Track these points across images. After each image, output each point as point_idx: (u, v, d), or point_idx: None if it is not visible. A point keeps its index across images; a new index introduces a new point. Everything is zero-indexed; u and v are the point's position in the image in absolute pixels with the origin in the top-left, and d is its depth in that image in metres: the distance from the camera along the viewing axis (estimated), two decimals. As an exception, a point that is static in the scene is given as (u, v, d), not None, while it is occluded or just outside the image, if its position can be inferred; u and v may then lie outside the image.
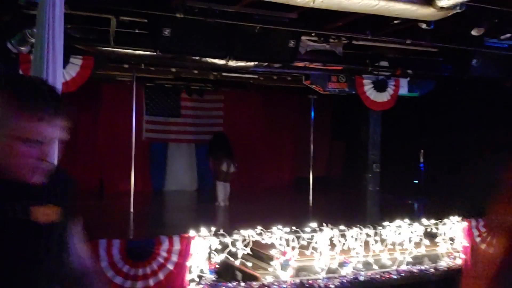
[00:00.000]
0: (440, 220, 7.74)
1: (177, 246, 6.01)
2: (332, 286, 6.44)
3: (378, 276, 6.80)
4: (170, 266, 5.83)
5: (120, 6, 5.75)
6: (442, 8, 4.95)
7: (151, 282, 5.68)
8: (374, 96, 9.03)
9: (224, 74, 9.11)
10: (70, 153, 12.17)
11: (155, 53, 6.57)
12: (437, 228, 7.62)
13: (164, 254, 5.90)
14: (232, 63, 7.13)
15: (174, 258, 5.90)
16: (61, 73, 3.08)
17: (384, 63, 8.71)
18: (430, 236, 7.59)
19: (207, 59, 7.00)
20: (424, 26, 5.94)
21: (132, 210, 9.25)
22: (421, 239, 7.39)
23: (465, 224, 7.77)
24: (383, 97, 9.12)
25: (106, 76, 10.38)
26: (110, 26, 6.17)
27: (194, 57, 7.10)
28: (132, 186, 9.33)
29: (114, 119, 12.72)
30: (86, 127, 12.73)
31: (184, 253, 5.94)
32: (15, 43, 5.86)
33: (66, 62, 6.42)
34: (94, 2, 5.63)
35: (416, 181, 12.88)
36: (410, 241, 7.30)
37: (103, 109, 12.93)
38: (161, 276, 5.73)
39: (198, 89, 12.80)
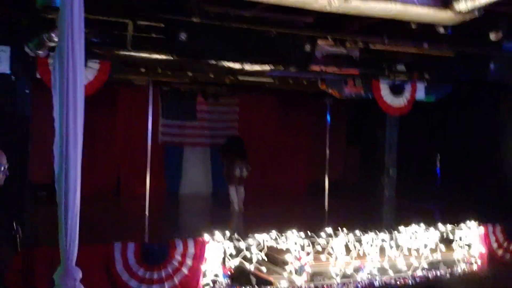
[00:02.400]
0: (456, 225, 7.66)
1: (191, 250, 6.02)
2: (348, 291, 6.41)
3: (393, 281, 6.76)
4: (185, 270, 5.84)
5: (137, 10, 5.79)
6: (460, 12, 4.91)
7: (166, 286, 5.68)
8: (391, 101, 8.96)
9: (240, 78, 9.11)
10: (87, 155, 12.24)
11: (171, 57, 6.60)
12: (453, 234, 7.55)
13: (178, 258, 5.91)
14: (248, 67, 7.13)
15: (189, 262, 5.91)
16: (82, 77, 3.11)
17: (401, 67, 8.64)
18: (446, 241, 7.52)
19: (223, 63, 7.01)
20: (441, 30, 5.89)
21: (147, 213, 9.27)
22: (437, 245, 7.32)
23: (482, 229, 7.69)
24: (400, 101, 9.05)
25: (123, 80, 10.44)
26: (127, 31, 6.21)
27: (210, 61, 7.11)
28: (148, 189, 9.36)
29: (131, 123, 12.79)
30: (103, 130, 12.81)
31: (198, 257, 5.95)
32: (33, 47, 5.92)
33: (83, 66, 6.47)
34: (112, 7, 5.67)
35: (435, 184, 12.72)
36: (426, 246, 7.24)
37: (119, 113, 13.01)
38: (176, 280, 5.73)
39: (214, 93, 12.81)
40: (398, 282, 6.82)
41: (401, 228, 7.43)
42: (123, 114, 12.99)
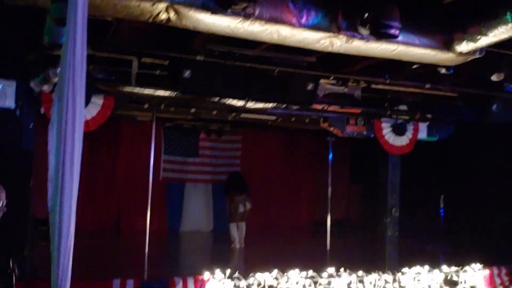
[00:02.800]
0: (461, 267, 7.55)
1: (191, 289, 5.93)
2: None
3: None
4: (184, 309, 5.74)
5: (142, 48, 5.87)
6: (461, 53, 4.95)
7: (164, 325, 5.58)
8: (393, 140, 8.97)
9: (242, 115, 9.15)
10: (88, 190, 12.26)
11: (175, 94, 6.65)
12: (457, 276, 7.43)
13: (178, 296, 5.82)
14: (251, 104, 7.17)
15: (188, 301, 5.82)
16: (82, 113, 3.12)
17: (403, 107, 8.69)
18: (451, 283, 7.39)
19: (226, 100, 7.06)
20: (443, 70, 5.94)
21: (147, 250, 9.17)
22: (441, 287, 7.20)
23: (486, 272, 7.57)
24: (402, 141, 9.05)
25: (126, 116, 10.51)
26: (132, 67, 6.28)
27: (213, 99, 7.16)
28: (148, 225, 9.29)
29: (133, 158, 12.81)
30: (105, 165, 12.83)
31: (198, 296, 5.86)
32: (38, 82, 5.98)
33: (87, 101, 6.52)
34: (117, 44, 5.75)
35: (439, 225, 12.52)
36: (430, 289, 7.12)
37: (121, 148, 13.05)
38: (174, 319, 5.63)
39: (217, 130, 12.88)
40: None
41: (405, 269, 7.33)
42: (125, 150, 13.03)
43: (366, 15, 4.40)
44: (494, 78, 6.24)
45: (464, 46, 4.83)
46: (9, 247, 5.69)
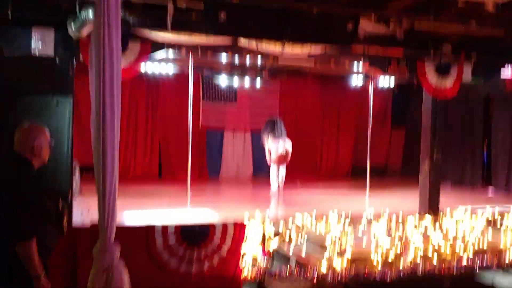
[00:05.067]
0: (505, 210, 7.41)
1: (231, 232, 6.01)
2: (388, 279, 6.25)
3: (437, 270, 6.53)
4: (224, 252, 5.83)
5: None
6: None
7: (205, 266, 5.70)
8: (436, 83, 8.66)
9: (280, 62, 8.99)
10: (130, 139, 12.50)
11: (211, 37, 6.56)
12: (502, 219, 7.30)
13: (218, 240, 5.90)
14: (288, 48, 7.00)
15: (228, 244, 5.90)
16: (119, 57, 3.12)
17: (447, 48, 8.33)
18: (494, 227, 7.28)
19: (263, 45, 6.91)
20: (491, 8, 5.63)
21: (188, 196, 9.34)
22: (484, 231, 7.09)
23: (532, 216, 7.41)
24: (446, 84, 8.73)
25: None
26: (167, 12, 6.20)
27: (250, 44, 7.02)
28: (189, 172, 9.42)
29: (172, 106, 12.90)
30: (145, 113, 13.00)
31: (237, 239, 5.92)
32: (75, 29, 5.98)
33: (124, 48, 6.48)
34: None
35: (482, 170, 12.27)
36: (472, 232, 7.02)
37: (161, 96, 13.16)
38: (214, 261, 5.74)
39: (254, 77, 12.76)
40: (442, 271, 6.60)
41: (446, 212, 7.24)
42: (164, 98, 13.14)
43: None
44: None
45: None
46: (55, 192, 5.87)
